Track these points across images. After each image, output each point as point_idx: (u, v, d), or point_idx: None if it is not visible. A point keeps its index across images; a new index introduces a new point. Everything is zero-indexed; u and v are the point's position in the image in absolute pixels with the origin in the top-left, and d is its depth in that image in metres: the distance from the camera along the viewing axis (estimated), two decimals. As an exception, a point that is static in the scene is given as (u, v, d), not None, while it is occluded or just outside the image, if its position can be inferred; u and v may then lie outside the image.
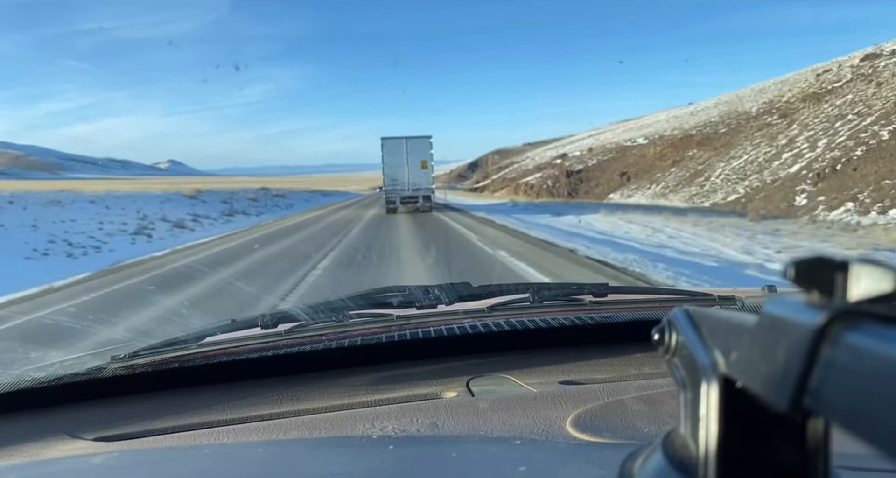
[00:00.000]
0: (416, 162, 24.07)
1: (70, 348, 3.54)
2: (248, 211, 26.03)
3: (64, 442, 0.91)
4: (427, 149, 24.41)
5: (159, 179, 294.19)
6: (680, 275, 7.07)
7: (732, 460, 0.34)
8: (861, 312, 0.26)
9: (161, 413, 1.00)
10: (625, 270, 7.65)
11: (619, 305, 1.38)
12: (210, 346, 1.15)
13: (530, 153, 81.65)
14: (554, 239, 11.76)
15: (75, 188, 30.47)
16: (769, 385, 0.29)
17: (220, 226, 19.08)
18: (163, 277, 8.31)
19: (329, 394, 1.05)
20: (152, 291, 7.07)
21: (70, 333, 5.17)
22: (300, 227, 17.53)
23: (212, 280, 7.79)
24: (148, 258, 10.71)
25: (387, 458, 0.64)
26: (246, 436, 0.88)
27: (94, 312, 5.97)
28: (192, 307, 5.76)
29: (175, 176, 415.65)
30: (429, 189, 24.27)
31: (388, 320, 1.25)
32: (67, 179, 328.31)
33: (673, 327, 0.41)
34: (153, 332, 2.43)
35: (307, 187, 68.36)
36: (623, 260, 8.54)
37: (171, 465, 0.71)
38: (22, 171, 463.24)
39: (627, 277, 7.06)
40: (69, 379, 1.05)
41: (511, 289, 1.44)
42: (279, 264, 8.87)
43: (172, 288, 7.20)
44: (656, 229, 13.62)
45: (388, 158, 24.05)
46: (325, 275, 7.70)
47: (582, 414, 0.82)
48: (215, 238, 14.65)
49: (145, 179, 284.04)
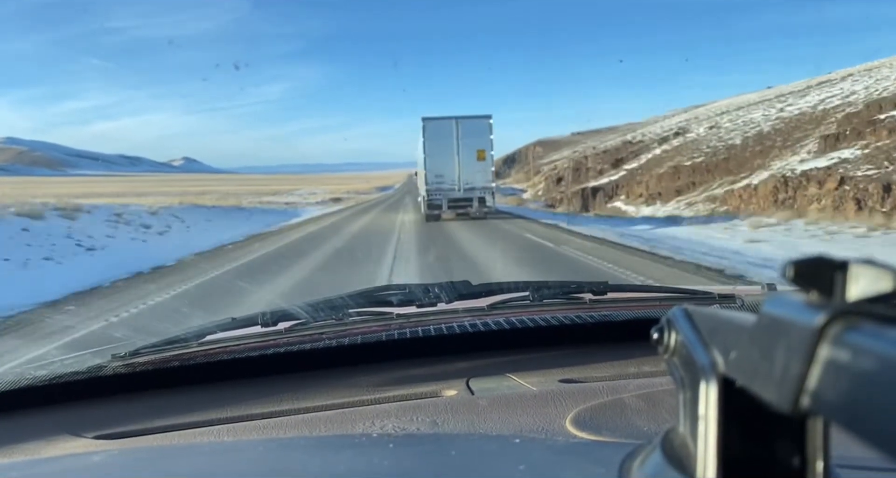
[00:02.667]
0: (469, 151, 18.05)
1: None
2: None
3: (65, 440, 0.91)
4: (485, 133, 18.13)
5: (167, 176, 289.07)
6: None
7: (731, 460, 0.34)
8: (860, 312, 0.26)
9: (161, 411, 1.00)
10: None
11: (619, 304, 1.38)
12: (210, 344, 1.15)
13: (581, 147, 63.32)
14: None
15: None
16: (768, 385, 0.29)
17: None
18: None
19: (329, 392, 1.05)
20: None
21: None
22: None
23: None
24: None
25: (387, 456, 0.64)
26: (246, 434, 0.88)
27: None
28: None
29: (188, 173, 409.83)
30: (486, 189, 18.30)
31: (389, 319, 1.25)
32: (71, 175, 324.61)
33: (672, 327, 0.41)
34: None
35: (312, 186, 63.14)
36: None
37: (171, 463, 0.71)
38: (24, 167, 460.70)
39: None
40: (70, 377, 1.05)
41: (511, 287, 1.44)
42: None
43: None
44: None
45: (430, 145, 18.05)
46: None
47: (582, 412, 0.82)
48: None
49: (144, 177, 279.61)
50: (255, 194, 47.70)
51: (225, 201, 29.00)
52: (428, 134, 18.10)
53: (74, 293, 7.47)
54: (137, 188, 77.91)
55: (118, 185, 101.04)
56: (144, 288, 7.68)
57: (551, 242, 11.63)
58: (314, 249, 11.59)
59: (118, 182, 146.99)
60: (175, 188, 63.85)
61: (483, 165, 18.29)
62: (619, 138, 56.50)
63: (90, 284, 7.99)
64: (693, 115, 56.52)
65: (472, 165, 18.07)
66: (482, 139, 18.10)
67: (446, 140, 17.98)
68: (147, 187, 79.79)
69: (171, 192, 51.85)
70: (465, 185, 18.05)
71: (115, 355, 1.10)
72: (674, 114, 65.06)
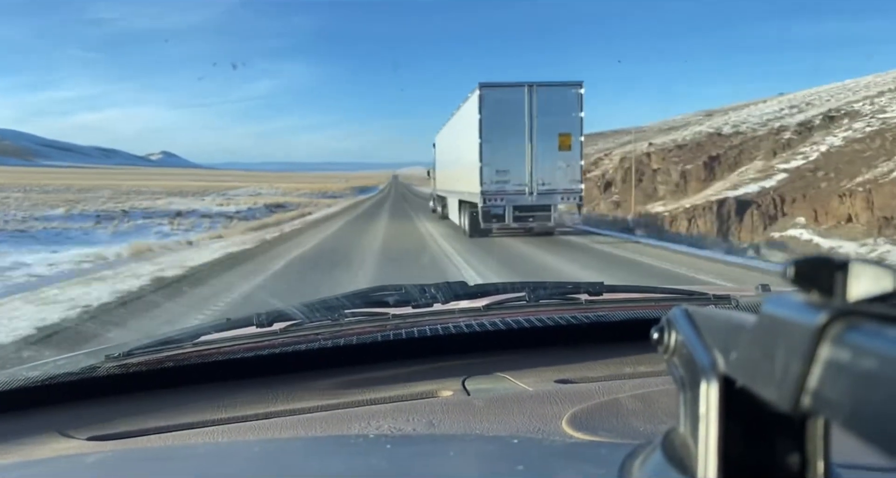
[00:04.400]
0: (548, 136, 12.41)
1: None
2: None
3: (57, 441, 0.90)
4: (572, 109, 12.42)
5: (142, 170, 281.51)
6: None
7: (732, 460, 0.34)
8: (861, 312, 0.26)
9: (155, 412, 0.99)
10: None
11: (615, 305, 1.39)
12: (205, 345, 1.15)
13: (623, 141, 48.49)
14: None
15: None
16: (769, 385, 0.29)
17: None
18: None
19: (325, 393, 1.05)
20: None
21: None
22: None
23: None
24: None
25: (383, 457, 0.64)
26: (241, 435, 0.88)
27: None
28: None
29: (165, 168, 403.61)
30: (571, 193, 12.64)
31: (384, 319, 1.25)
32: (41, 166, 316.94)
33: (672, 327, 0.41)
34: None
35: (292, 187, 58.31)
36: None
37: (164, 464, 0.70)
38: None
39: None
40: (63, 378, 1.04)
41: (507, 288, 1.44)
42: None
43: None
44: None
45: (490, 125, 12.38)
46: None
47: (578, 413, 0.82)
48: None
49: (116, 170, 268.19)
50: (180, 193, 39.80)
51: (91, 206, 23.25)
52: (487, 109, 12.32)
53: None
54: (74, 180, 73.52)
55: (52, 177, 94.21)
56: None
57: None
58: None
59: (71, 174, 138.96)
60: (99, 181, 60.80)
61: (568, 158, 12.49)
62: (686, 131, 42.28)
63: None
64: (789, 102, 43.75)
65: (551, 157, 12.43)
66: (567, 119, 12.33)
67: (514, 118, 12.31)
68: (85, 180, 76.31)
69: (87, 186, 47.17)
70: (541, 186, 12.45)
71: (109, 356, 1.10)
72: (756, 102, 50.74)
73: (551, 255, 10.75)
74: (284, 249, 11.71)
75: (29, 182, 50.68)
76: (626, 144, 44.25)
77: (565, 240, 12.71)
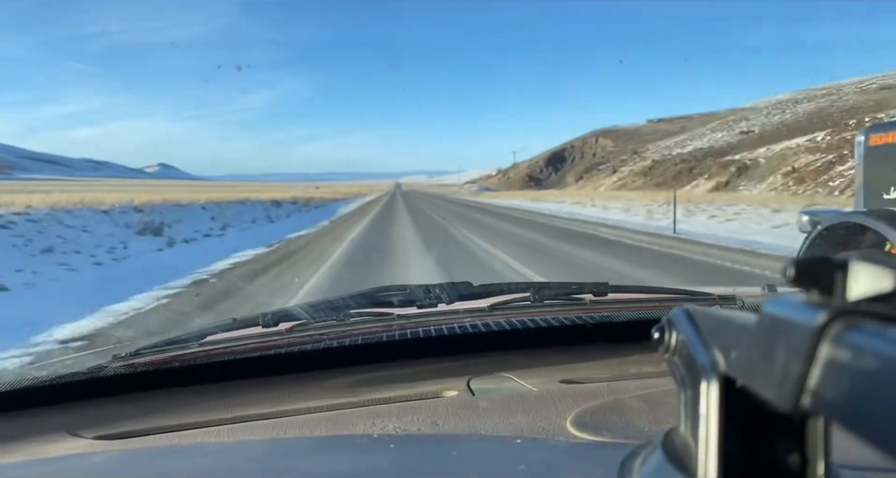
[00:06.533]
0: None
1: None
2: None
3: (65, 440, 0.91)
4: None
5: (130, 182, 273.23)
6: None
7: (732, 460, 0.34)
8: (861, 312, 0.26)
9: (162, 412, 1.00)
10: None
11: (620, 305, 1.38)
12: (211, 345, 1.15)
13: (669, 141, 39.90)
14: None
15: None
16: (769, 384, 0.29)
17: None
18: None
19: (330, 393, 1.05)
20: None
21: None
22: None
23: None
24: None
25: (388, 457, 0.64)
26: (246, 435, 0.88)
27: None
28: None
29: (160, 180, 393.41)
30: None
31: (389, 319, 1.25)
32: (16, 179, 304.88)
33: (673, 326, 0.41)
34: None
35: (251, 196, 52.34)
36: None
37: (172, 463, 0.71)
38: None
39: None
40: (70, 378, 1.05)
41: (512, 288, 1.44)
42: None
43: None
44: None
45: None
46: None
47: (582, 413, 0.82)
48: None
49: (99, 182, 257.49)
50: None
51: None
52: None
53: None
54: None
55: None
56: None
57: None
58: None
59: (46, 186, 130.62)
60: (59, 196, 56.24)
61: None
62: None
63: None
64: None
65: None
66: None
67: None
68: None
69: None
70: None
71: (116, 356, 1.10)
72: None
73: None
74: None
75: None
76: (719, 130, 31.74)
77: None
